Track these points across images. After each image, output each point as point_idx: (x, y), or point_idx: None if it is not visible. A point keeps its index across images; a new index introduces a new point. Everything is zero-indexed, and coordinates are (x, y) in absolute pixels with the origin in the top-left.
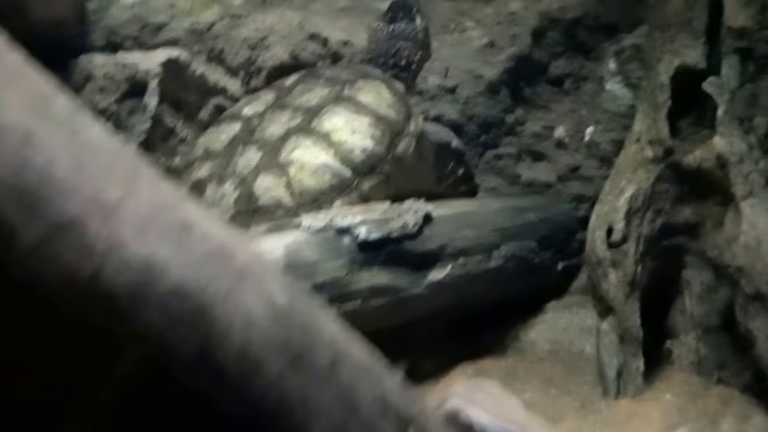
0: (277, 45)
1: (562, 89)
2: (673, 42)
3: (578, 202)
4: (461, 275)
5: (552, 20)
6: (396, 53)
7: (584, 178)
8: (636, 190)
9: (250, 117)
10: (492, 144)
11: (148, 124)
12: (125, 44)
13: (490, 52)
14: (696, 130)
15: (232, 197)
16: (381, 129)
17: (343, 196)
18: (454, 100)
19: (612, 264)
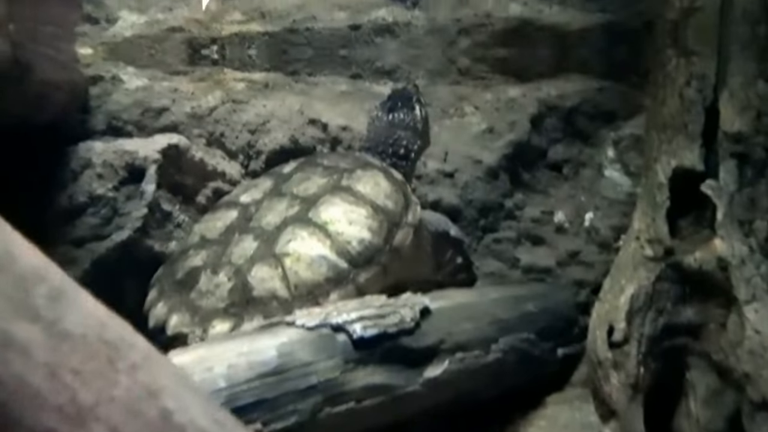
0: (277, 129)
1: (562, 174)
2: (671, 143)
3: (578, 288)
4: (459, 371)
5: (551, 107)
6: (395, 142)
7: (584, 264)
8: (637, 289)
9: (247, 204)
10: (491, 228)
11: (145, 210)
12: (126, 128)
13: (489, 137)
14: (696, 230)
15: (227, 288)
16: (378, 220)
17: (339, 289)
18: (453, 184)
19: (614, 365)
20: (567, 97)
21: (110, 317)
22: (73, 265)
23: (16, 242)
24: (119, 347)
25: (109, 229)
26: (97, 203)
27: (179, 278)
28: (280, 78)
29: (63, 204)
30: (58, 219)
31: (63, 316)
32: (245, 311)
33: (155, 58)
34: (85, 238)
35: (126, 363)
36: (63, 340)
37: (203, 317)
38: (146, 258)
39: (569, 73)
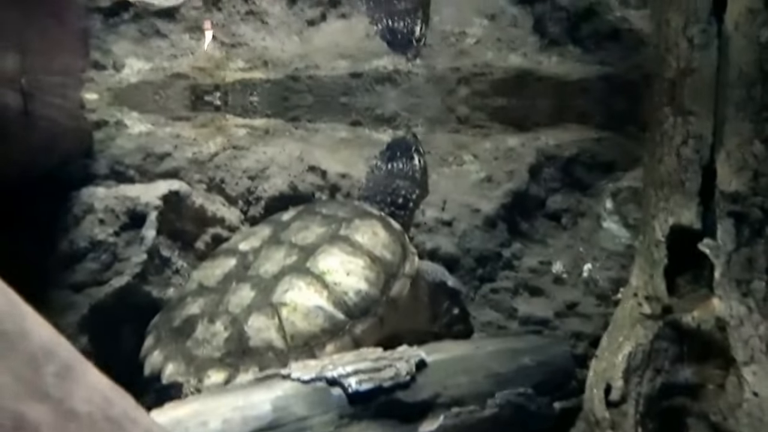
0: (277, 176)
1: (560, 224)
2: (668, 201)
3: (576, 340)
4: (454, 426)
5: (549, 157)
6: (393, 191)
7: (582, 316)
8: (635, 348)
9: (245, 252)
10: (488, 278)
11: (144, 256)
12: (128, 173)
13: (487, 186)
14: (694, 288)
15: (223, 337)
16: (376, 271)
17: (335, 340)
18: (451, 233)
19: (611, 425)
20: (565, 147)
21: (114, 391)
22: (71, 310)
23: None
24: (122, 423)
25: (108, 274)
26: (97, 248)
27: (176, 326)
28: (280, 124)
29: (64, 249)
30: (60, 264)
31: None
32: (241, 361)
33: (159, 104)
34: (84, 283)
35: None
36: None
37: (199, 366)
38: (144, 303)
39: (568, 123)
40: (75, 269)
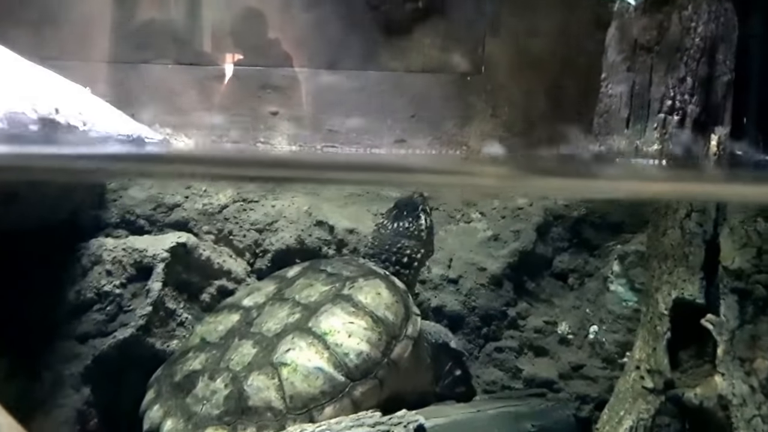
0: (285, 230)
1: (567, 284)
2: (671, 274)
3: (581, 402)
4: None
5: (557, 216)
6: (399, 250)
7: (588, 378)
8: (635, 422)
9: (249, 308)
10: (493, 337)
11: (149, 308)
12: (138, 222)
13: (494, 245)
14: (696, 363)
15: (223, 395)
16: (378, 332)
17: (335, 402)
18: (457, 290)
19: None
20: (573, 207)
21: None
22: (76, 360)
23: None
24: None
25: (113, 325)
26: (103, 300)
27: (177, 381)
28: None
29: (71, 299)
30: (66, 314)
31: None
32: (239, 420)
33: None
34: (89, 334)
35: None
36: None
37: (197, 424)
38: (147, 355)
39: None
40: (81, 320)
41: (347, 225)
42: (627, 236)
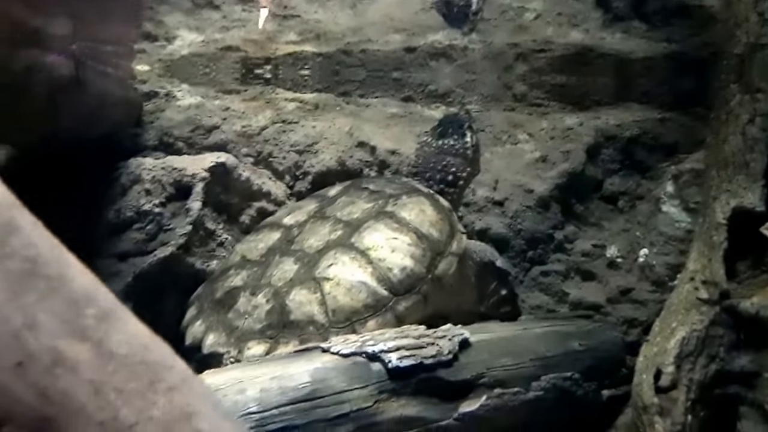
0: (325, 151)
1: (617, 207)
2: (731, 182)
3: (629, 327)
4: (496, 407)
5: (609, 137)
6: (443, 168)
7: (636, 302)
8: (688, 333)
9: (290, 226)
10: (539, 260)
11: (189, 227)
12: (177, 145)
13: (542, 166)
14: (754, 273)
15: (264, 309)
16: (422, 248)
17: (378, 317)
18: (502, 213)
19: (659, 411)
20: (626, 127)
21: (152, 339)
22: (116, 278)
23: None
24: (159, 369)
25: (153, 244)
26: (143, 219)
27: (218, 297)
28: (331, 99)
29: (111, 218)
30: (105, 232)
31: (110, 336)
32: (281, 334)
33: (209, 77)
34: (129, 253)
35: (165, 384)
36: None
37: (239, 338)
38: (188, 275)
39: (630, 102)
40: (121, 238)
41: (389, 146)
42: (681, 156)
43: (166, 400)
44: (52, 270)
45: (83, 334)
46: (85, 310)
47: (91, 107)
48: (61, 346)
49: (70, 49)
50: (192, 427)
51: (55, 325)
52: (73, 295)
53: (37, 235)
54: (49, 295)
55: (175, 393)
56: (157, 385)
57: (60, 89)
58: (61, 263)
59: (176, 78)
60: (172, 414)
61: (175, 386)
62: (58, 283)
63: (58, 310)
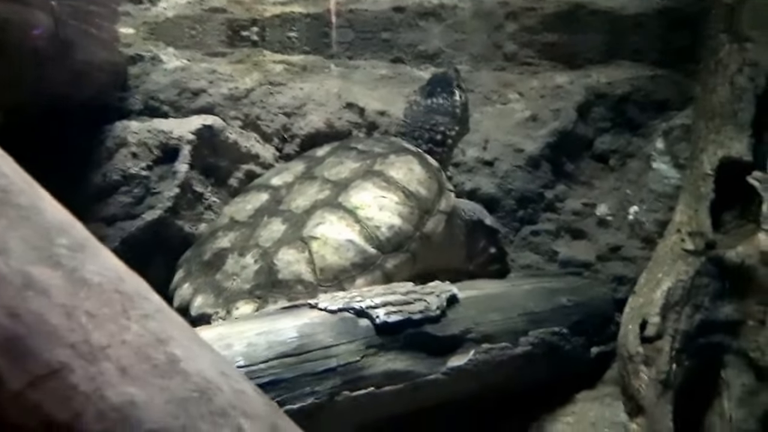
0: (314, 113)
1: (607, 166)
2: (719, 133)
3: (618, 284)
4: (484, 361)
5: (599, 95)
6: (432, 127)
7: (626, 259)
8: (674, 284)
9: (278, 187)
10: (529, 220)
11: (177, 190)
12: (163, 108)
13: (532, 125)
14: (740, 223)
15: (253, 270)
16: (410, 206)
17: (366, 275)
18: (492, 173)
19: (644, 360)
20: (617, 85)
21: (128, 273)
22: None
23: (43, 197)
24: (133, 298)
25: (140, 208)
26: (130, 182)
27: (206, 259)
28: (319, 61)
29: (97, 181)
30: (92, 196)
31: (82, 266)
32: (270, 294)
33: (195, 39)
34: (116, 216)
35: (138, 312)
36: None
37: (228, 298)
38: (176, 238)
39: (621, 60)
40: (107, 202)
41: (378, 107)
42: (672, 113)
43: (139, 326)
44: (23, 200)
45: (55, 262)
46: (57, 240)
47: (74, 69)
48: (32, 271)
49: (50, 4)
50: (165, 351)
51: (26, 251)
52: (46, 225)
53: (7, 167)
54: (20, 223)
55: (149, 320)
56: (130, 312)
57: (40, 47)
58: (33, 195)
59: (161, 41)
60: (145, 339)
61: (149, 314)
62: (30, 212)
63: (29, 237)
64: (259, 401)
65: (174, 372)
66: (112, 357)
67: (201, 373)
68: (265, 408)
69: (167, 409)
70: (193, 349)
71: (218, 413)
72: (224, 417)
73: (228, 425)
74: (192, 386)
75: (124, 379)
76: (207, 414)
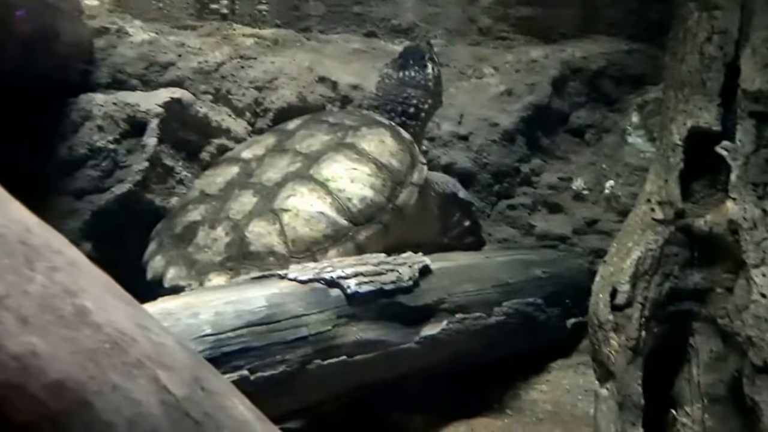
0: (286, 87)
1: (583, 140)
2: (688, 102)
3: (595, 257)
4: (458, 331)
5: (575, 69)
6: (405, 101)
7: (602, 233)
8: (644, 252)
9: (248, 160)
10: (505, 194)
11: (146, 164)
12: (131, 82)
13: (507, 99)
14: (709, 192)
15: (224, 242)
16: (382, 178)
17: (338, 246)
18: (468, 147)
19: (614, 328)
20: (593, 59)
21: (39, 226)
22: (73, 216)
23: None
24: (41, 251)
25: (109, 181)
26: (97, 155)
27: (178, 232)
28: (290, 35)
29: (63, 155)
30: (59, 170)
31: None
32: (241, 265)
33: (163, 12)
34: (85, 190)
35: (45, 264)
36: None
37: (200, 270)
38: (147, 212)
39: (596, 34)
40: (75, 176)
41: (351, 81)
42: (648, 88)
43: (45, 277)
44: None
45: None
46: None
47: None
48: None
49: None
50: (74, 303)
51: None
52: None
53: None
54: None
55: (57, 272)
56: (36, 264)
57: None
58: None
59: (128, 13)
60: (52, 290)
61: (58, 267)
62: None
63: None
64: (182, 353)
65: (82, 323)
66: (11, 307)
67: (113, 325)
68: (187, 360)
69: (74, 360)
70: (108, 301)
71: (133, 364)
72: (139, 368)
73: (143, 376)
74: (103, 337)
75: (25, 329)
76: (119, 365)
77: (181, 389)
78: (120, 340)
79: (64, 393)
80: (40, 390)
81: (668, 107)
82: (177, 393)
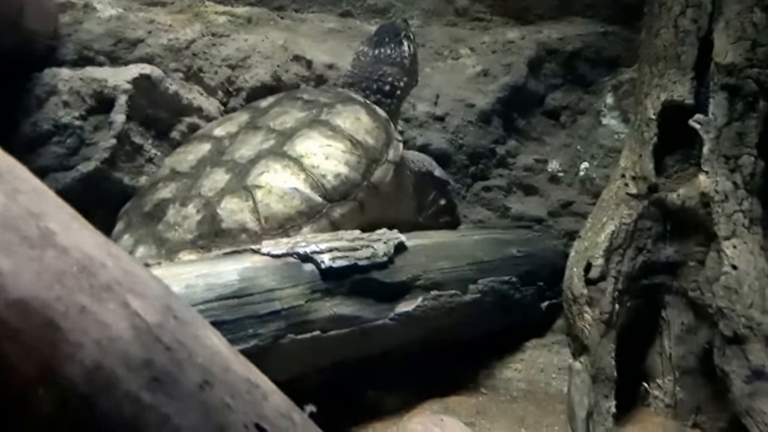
0: (259, 66)
1: (558, 122)
2: (662, 77)
3: (569, 239)
4: (433, 308)
5: (551, 51)
6: (380, 78)
7: (577, 214)
8: (617, 227)
9: (221, 138)
10: (481, 175)
11: (113, 141)
12: (98, 59)
13: (483, 80)
14: (682, 167)
15: (195, 220)
16: (357, 155)
17: (312, 223)
18: (444, 128)
19: (588, 302)
20: (569, 40)
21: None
22: None
23: None
24: (3, 175)
25: (75, 159)
26: (62, 132)
27: (147, 210)
28: (264, 13)
29: (26, 131)
30: (22, 146)
31: None
32: (213, 243)
33: None
34: (49, 167)
35: (8, 187)
36: None
37: (170, 249)
38: (116, 191)
39: (573, 16)
40: (39, 152)
41: (327, 60)
42: (623, 70)
43: (8, 200)
44: None
45: None
46: None
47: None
48: None
49: None
50: (38, 225)
51: None
52: None
53: None
54: None
55: (20, 196)
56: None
57: None
58: None
59: None
60: (14, 212)
61: (22, 191)
62: None
63: None
64: (153, 283)
65: (48, 245)
66: None
67: (81, 249)
68: (158, 290)
69: (38, 280)
70: (74, 227)
71: (102, 287)
72: (109, 292)
73: (113, 300)
74: (70, 261)
75: None
76: (87, 287)
77: (153, 316)
78: (88, 264)
79: (27, 312)
80: (2, 308)
81: (643, 82)
82: (148, 319)
